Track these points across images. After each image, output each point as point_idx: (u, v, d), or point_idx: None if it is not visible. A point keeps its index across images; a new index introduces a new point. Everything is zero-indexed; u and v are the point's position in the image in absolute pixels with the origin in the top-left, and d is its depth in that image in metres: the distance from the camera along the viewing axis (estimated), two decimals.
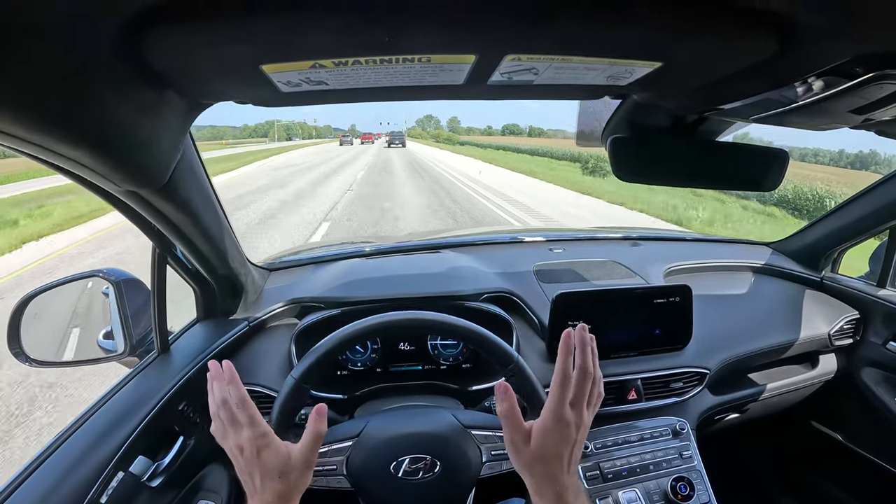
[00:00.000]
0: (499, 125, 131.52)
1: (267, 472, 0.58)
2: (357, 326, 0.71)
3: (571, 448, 0.58)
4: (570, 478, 0.58)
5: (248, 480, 0.59)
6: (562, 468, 0.57)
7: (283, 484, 0.58)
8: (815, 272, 1.35)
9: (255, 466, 0.58)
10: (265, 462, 0.58)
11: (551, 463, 0.57)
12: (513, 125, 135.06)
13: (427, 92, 0.48)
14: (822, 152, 47.05)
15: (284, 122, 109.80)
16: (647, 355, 1.00)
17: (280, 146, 52.04)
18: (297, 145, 56.02)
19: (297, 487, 0.59)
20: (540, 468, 0.57)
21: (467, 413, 0.82)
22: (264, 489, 0.57)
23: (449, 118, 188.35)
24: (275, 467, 0.58)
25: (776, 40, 0.39)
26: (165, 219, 0.68)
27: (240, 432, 0.59)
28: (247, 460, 0.58)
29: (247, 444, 0.58)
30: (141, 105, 0.43)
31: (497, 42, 0.37)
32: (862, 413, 1.24)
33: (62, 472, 0.62)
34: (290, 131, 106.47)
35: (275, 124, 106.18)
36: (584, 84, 0.48)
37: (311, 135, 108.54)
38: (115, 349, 0.93)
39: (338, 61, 0.38)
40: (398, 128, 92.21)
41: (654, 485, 0.90)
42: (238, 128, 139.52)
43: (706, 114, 0.69)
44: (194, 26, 0.33)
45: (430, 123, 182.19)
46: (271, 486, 0.57)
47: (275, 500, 0.57)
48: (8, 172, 17.42)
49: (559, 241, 1.52)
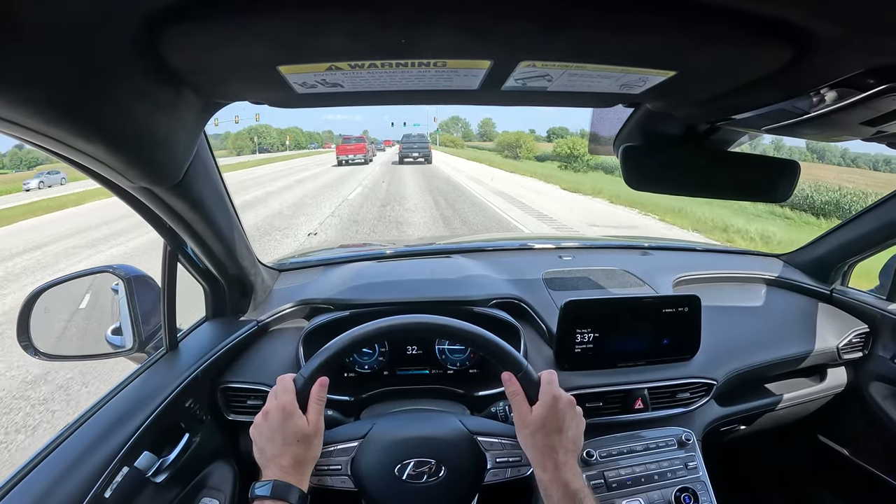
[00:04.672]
0: (542, 129, 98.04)
1: (287, 437, 0.65)
2: (368, 328, 0.71)
3: (569, 422, 0.69)
4: (569, 457, 0.67)
5: (267, 447, 0.65)
6: (560, 441, 0.67)
7: (301, 447, 0.65)
8: (825, 285, 1.34)
9: (277, 431, 0.65)
10: (288, 427, 0.65)
11: (552, 434, 0.67)
12: (560, 128, 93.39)
13: (441, 96, 0.49)
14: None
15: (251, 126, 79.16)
16: (654, 365, 0.99)
17: (228, 163, 34.42)
18: (250, 162, 34.70)
19: (310, 454, 0.66)
20: (542, 438, 0.67)
21: (474, 419, 0.81)
22: (283, 453, 0.64)
23: (481, 120, 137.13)
24: (295, 432, 0.65)
25: (790, 51, 0.39)
26: (178, 216, 0.69)
27: (271, 400, 0.68)
28: (271, 423, 0.65)
29: (275, 410, 0.66)
30: (157, 102, 0.43)
31: (513, 48, 0.38)
32: (869, 428, 1.22)
33: (68, 465, 0.63)
34: (261, 138, 79.84)
35: (228, 136, 78.46)
36: (598, 92, 0.49)
37: (284, 144, 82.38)
38: (124, 345, 0.94)
39: (354, 63, 0.39)
40: (417, 129, 56.54)
41: (658, 495, 0.89)
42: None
43: (718, 124, 0.69)
44: (213, 25, 0.33)
45: (456, 127, 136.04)
46: (290, 451, 0.64)
47: (291, 464, 0.64)
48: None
49: (568, 248, 1.52)
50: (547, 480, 0.65)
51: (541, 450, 0.67)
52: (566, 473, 0.65)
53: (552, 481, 0.65)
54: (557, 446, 0.66)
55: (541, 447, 0.67)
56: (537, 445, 0.67)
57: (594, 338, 0.95)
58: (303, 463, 0.65)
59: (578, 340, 0.94)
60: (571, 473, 0.65)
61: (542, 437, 0.67)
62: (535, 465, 0.67)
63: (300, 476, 0.64)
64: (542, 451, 0.66)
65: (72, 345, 1.01)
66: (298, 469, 0.64)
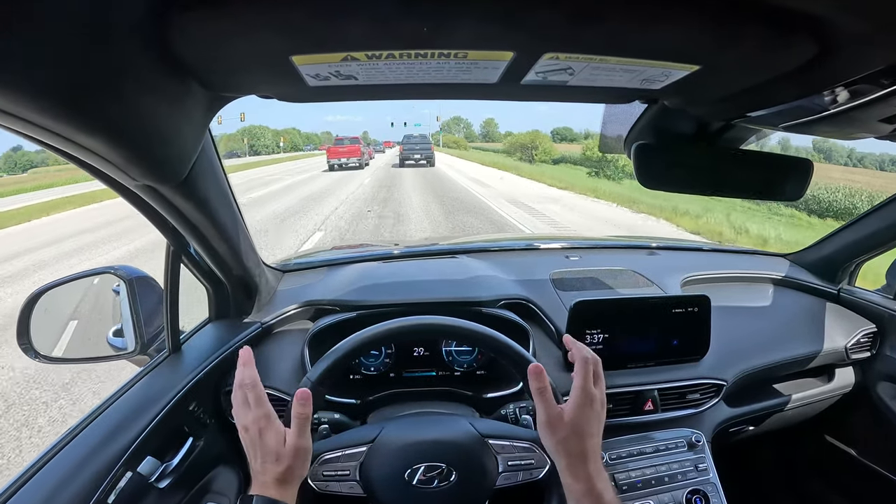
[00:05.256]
0: (546, 129, 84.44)
1: (267, 454, 0.61)
2: (376, 330, 0.70)
3: (600, 427, 0.63)
4: (600, 464, 0.62)
5: (253, 462, 0.62)
6: (595, 447, 0.61)
7: (280, 467, 0.60)
8: (833, 284, 1.33)
9: (257, 447, 0.61)
10: (266, 443, 0.61)
11: (585, 439, 0.61)
12: (565, 128, 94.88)
13: (458, 90, 0.48)
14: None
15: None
16: (663, 366, 0.98)
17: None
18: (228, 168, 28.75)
19: (294, 473, 0.62)
20: (575, 443, 0.61)
21: (484, 421, 0.80)
22: (264, 471, 0.60)
23: (483, 120, 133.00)
24: (273, 449, 0.61)
25: (814, 46, 0.38)
26: (182, 216, 0.67)
27: (247, 413, 0.63)
28: (251, 439, 0.62)
29: (251, 425, 0.62)
30: (163, 96, 0.42)
31: (537, 39, 0.37)
32: (877, 428, 1.22)
33: (70, 470, 0.61)
34: (255, 139, 74.16)
35: (223, 138, 69.35)
36: (618, 87, 0.48)
37: (279, 145, 76.09)
38: (125, 347, 0.93)
39: (371, 54, 0.37)
40: (419, 129, 54.58)
41: (668, 497, 0.88)
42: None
43: (734, 121, 0.68)
44: (226, 11, 0.32)
45: (458, 128, 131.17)
46: (270, 469, 0.60)
47: (272, 482, 0.60)
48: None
49: (575, 248, 1.51)
50: (579, 491, 0.60)
51: (576, 456, 0.61)
52: (600, 483, 0.60)
53: (586, 493, 0.59)
54: (590, 453, 0.61)
55: (576, 453, 0.61)
56: (571, 451, 0.61)
57: (604, 338, 0.94)
58: (285, 481, 0.61)
59: (588, 341, 0.93)
60: (604, 483, 0.60)
61: (575, 443, 0.61)
62: (565, 473, 0.61)
63: (284, 492, 0.60)
64: (577, 457, 0.61)
65: (72, 347, 1.00)
66: (281, 486, 0.60)
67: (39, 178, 31.30)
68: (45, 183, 24.19)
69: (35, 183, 25.79)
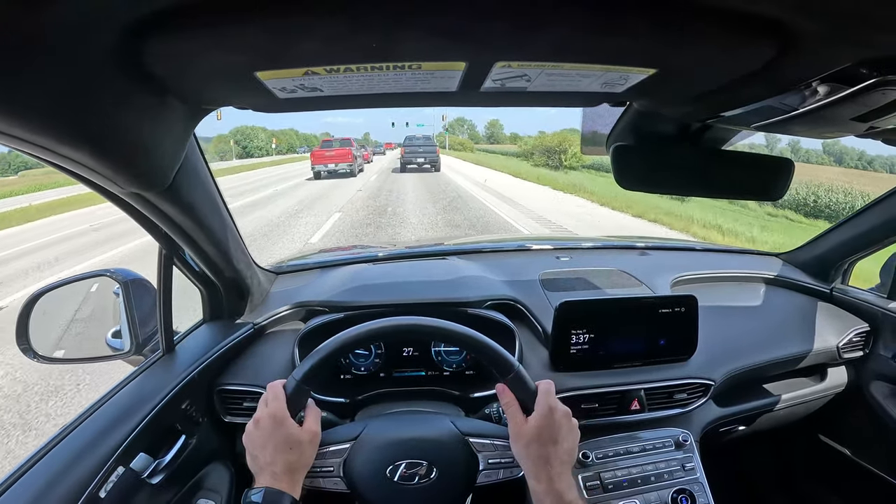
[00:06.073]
0: (550, 130, 79.69)
1: (279, 444, 0.65)
2: (358, 330, 0.71)
3: (568, 435, 0.69)
4: (563, 468, 0.67)
5: (260, 455, 0.65)
6: (558, 453, 0.67)
7: (294, 454, 0.65)
8: (825, 283, 1.33)
9: (269, 439, 0.65)
10: (279, 435, 0.65)
11: (547, 445, 0.67)
12: (571, 129, 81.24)
13: (421, 98, 0.49)
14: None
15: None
16: (650, 365, 0.99)
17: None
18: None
19: (302, 461, 0.67)
20: (536, 449, 0.67)
21: (466, 420, 0.81)
22: (275, 461, 0.64)
23: (488, 122, 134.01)
24: (286, 440, 0.65)
25: (774, 47, 0.38)
26: (170, 221, 0.69)
27: (262, 409, 0.68)
28: (262, 432, 0.66)
29: (266, 419, 0.66)
30: (142, 110, 0.43)
31: (486, 49, 0.37)
32: (870, 427, 1.21)
33: (63, 465, 0.63)
34: (248, 141, 69.56)
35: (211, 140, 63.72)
36: (580, 91, 0.48)
37: (273, 147, 71.55)
38: (123, 348, 0.95)
39: (330, 68, 0.39)
40: (422, 130, 52.31)
41: (654, 496, 0.89)
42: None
43: (708, 121, 0.69)
44: (191, 33, 0.33)
45: (462, 129, 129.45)
46: (282, 458, 0.65)
47: (283, 471, 0.64)
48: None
49: (566, 249, 1.51)
50: (541, 492, 0.65)
51: (535, 461, 0.66)
52: (560, 485, 0.65)
53: (546, 493, 0.65)
54: (552, 458, 0.66)
55: (535, 458, 0.66)
56: (532, 456, 0.67)
57: (590, 339, 0.94)
58: (295, 470, 0.65)
59: (574, 341, 0.94)
60: (566, 485, 0.66)
61: (536, 448, 0.67)
62: (530, 475, 0.67)
63: (292, 483, 0.64)
64: (537, 462, 0.66)
65: (70, 347, 1.02)
66: (291, 476, 0.65)
67: (27, 180, 31.32)
68: (44, 184, 24.23)
69: (24, 185, 25.84)
